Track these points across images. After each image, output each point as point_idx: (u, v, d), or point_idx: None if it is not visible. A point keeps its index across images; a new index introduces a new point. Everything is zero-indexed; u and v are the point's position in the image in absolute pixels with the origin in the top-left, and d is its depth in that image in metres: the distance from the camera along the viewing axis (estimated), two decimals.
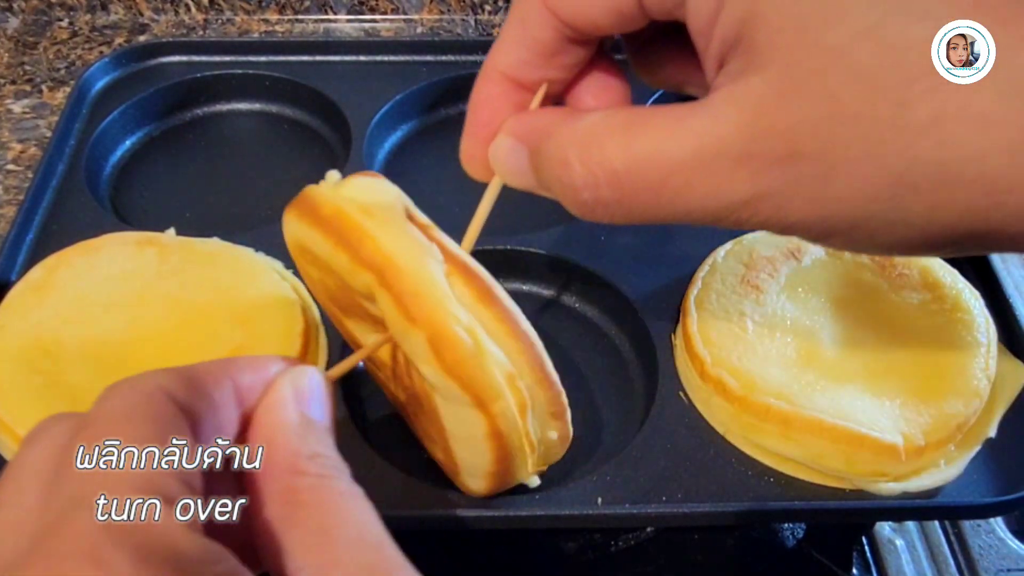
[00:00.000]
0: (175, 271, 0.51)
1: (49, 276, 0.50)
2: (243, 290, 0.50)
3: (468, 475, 0.42)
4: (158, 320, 0.48)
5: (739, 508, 0.45)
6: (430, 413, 0.39)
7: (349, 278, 0.36)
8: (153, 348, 0.47)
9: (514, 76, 0.35)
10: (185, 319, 0.49)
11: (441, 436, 0.40)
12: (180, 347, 0.47)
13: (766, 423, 0.45)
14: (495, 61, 0.35)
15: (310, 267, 0.40)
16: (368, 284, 0.35)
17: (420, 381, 0.37)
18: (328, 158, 0.68)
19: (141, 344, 0.47)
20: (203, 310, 0.49)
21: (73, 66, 0.84)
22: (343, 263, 0.35)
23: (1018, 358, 0.50)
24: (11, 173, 0.73)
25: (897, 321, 0.49)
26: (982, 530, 0.56)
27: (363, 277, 0.35)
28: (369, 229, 0.35)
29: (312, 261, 0.39)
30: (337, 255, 0.36)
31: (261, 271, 0.52)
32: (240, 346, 0.47)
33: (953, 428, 0.45)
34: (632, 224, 0.31)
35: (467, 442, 0.38)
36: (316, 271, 0.40)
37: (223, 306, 0.49)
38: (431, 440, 0.44)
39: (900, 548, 0.57)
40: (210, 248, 0.53)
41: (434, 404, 0.38)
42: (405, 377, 0.40)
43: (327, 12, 0.89)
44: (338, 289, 0.39)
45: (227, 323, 0.48)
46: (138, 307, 0.49)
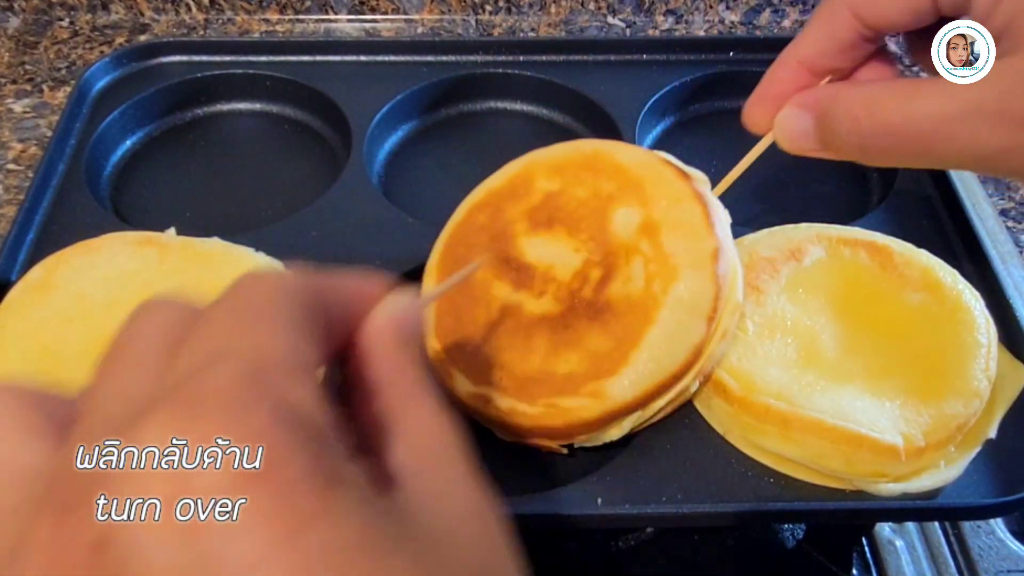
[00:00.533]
0: (175, 271, 0.51)
1: (49, 276, 0.50)
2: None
3: (624, 378, 0.43)
4: None
5: (739, 509, 0.45)
6: (616, 318, 0.45)
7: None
8: None
9: (810, 64, 0.42)
10: None
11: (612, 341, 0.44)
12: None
13: (766, 424, 0.45)
14: (795, 50, 0.43)
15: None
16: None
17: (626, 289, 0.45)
18: (329, 158, 0.68)
19: None
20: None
21: (74, 66, 0.84)
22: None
23: (1018, 359, 0.50)
24: (11, 172, 0.73)
25: (897, 322, 0.49)
26: (982, 531, 0.56)
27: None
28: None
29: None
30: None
31: (263, 268, 0.52)
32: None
33: (953, 429, 0.44)
34: (904, 167, 0.41)
35: (665, 346, 0.43)
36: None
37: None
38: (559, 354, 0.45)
39: (900, 549, 0.57)
40: (210, 248, 0.53)
41: (639, 309, 0.44)
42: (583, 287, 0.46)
43: (328, 12, 0.89)
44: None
45: None
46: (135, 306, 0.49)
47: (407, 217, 0.59)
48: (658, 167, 0.48)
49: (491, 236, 0.49)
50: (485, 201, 0.51)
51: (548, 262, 0.48)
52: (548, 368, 0.45)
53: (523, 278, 0.47)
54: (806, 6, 0.89)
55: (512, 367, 0.45)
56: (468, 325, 0.47)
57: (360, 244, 0.55)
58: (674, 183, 0.47)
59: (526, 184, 0.50)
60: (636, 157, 0.49)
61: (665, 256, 0.45)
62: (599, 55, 0.72)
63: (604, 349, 0.44)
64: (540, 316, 0.46)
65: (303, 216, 0.60)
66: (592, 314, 0.45)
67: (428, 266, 0.51)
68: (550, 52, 0.72)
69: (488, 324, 0.47)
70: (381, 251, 0.56)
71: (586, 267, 0.47)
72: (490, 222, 0.50)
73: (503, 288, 0.48)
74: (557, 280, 0.47)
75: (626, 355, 0.43)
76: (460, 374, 0.46)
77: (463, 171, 0.67)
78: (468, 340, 0.47)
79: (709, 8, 0.89)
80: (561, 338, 0.45)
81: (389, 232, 0.58)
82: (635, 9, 0.89)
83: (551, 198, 0.49)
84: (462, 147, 0.69)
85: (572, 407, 0.43)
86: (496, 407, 0.45)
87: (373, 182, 0.63)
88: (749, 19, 0.90)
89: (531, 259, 0.48)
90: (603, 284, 0.46)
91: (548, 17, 0.89)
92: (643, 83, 0.69)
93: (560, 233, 0.48)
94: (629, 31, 0.89)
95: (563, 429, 0.44)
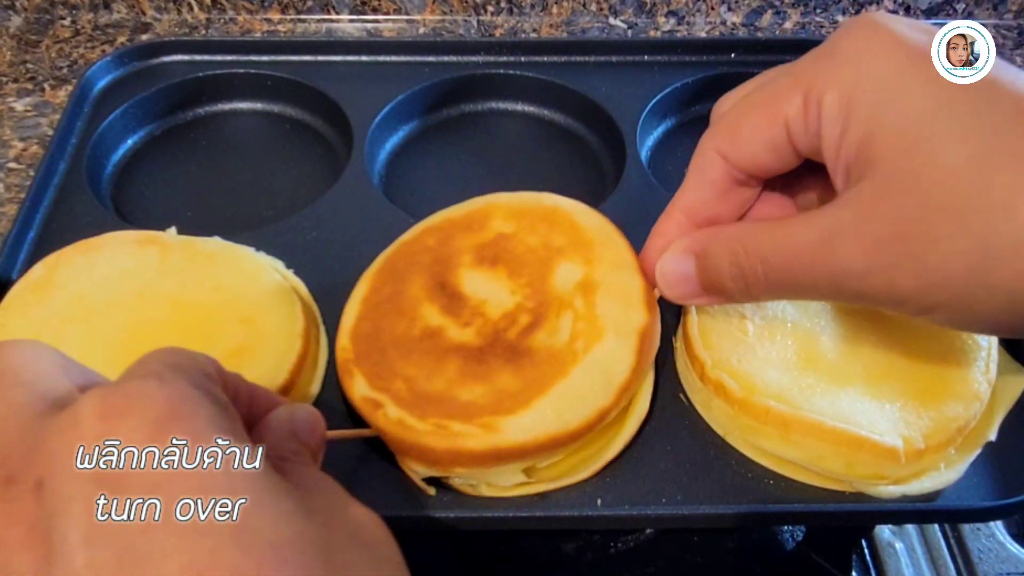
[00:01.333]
0: (176, 270, 0.51)
1: (50, 275, 0.50)
2: (244, 289, 0.50)
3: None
4: (159, 319, 0.49)
5: (739, 510, 0.45)
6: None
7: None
8: (154, 347, 0.47)
9: (693, 214, 0.43)
10: (186, 318, 0.49)
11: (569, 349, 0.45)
12: (181, 346, 0.47)
13: (766, 425, 0.45)
14: (678, 202, 0.44)
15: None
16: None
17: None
18: (330, 158, 0.68)
19: (142, 343, 0.47)
20: (204, 309, 0.49)
21: (75, 64, 0.84)
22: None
23: (1018, 361, 0.50)
24: (12, 171, 0.73)
25: (898, 324, 0.49)
26: (982, 534, 0.56)
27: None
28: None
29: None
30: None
31: (262, 270, 0.52)
32: (241, 345, 0.47)
33: (953, 431, 0.44)
34: (775, 300, 0.44)
35: (571, 402, 0.44)
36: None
37: (224, 305, 0.49)
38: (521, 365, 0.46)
39: (900, 551, 0.57)
40: (211, 247, 0.53)
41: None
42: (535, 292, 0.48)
43: (329, 12, 0.89)
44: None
45: (228, 322, 0.48)
46: (139, 306, 0.49)
47: (408, 217, 0.59)
48: (611, 233, 0.50)
49: (434, 259, 0.50)
50: (439, 227, 0.52)
51: (482, 297, 0.48)
52: (450, 392, 0.45)
53: (453, 306, 0.48)
54: (807, 8, 0.89)
55: (414, 381, 0.45)
56: (385, 333, 0.48)
57: (360, 244, 0.55)
58: (622, 251, 0.49)
59: (482, 220, 0.52)
60: (593, 220, 0.51)
61: (595, 317, 0.46)
62: (600, 56, 0.72)
63: (511, 389, 0.44)
64: (458, 344, 0.46)
65: (304, 216, 0.60)
66: (510, 356, 0.46)
67: (365, 273, 0.52)
68: (551, 53, 0.72)
69: (405, 338, 0.47)
70: (381, 251, 0.56)
71: (517, 311, 0.47)
72: (438, 246, 0.51)
73: (431, 310, 0.48)
74: (486, 316, 0.48)
75: (530, 400, 0.43)
76: (360, 375, 0.46)
77: (464, 172, 0.67)
78: (380, 347, 0.47)
79: (711, 10, 0.89)
80: (472, 370, 0.45)
81: (389, 232, 0.57)
82: (637, 10, 0.89)
83: (502, 239, 0.51)
84: (463, 148, 0.69)
85: (460, 432, 0.43)
86: (385, 414, 0.44)
87: (374, 182, 0.63)
88: (751, 21, 0.90)
89: (466, 290, 0.49)
90: (529, 330, 0.46)
91: (550, 18, 0.89)
92: (644, 84, 0.69)
93: (501, 273, 0.49)
94: (631, 32, 0.89)
95: (444, 454, 0.43)
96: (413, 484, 0.45)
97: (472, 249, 0.50)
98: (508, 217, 0.52)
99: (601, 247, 0.49)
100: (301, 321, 0.49)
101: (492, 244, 0.50)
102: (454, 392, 0.44)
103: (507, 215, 0.52)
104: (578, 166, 0.69)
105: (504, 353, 0.46)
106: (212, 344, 0.47)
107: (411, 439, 0.43)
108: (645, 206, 0.61)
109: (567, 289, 0.48)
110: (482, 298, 0.48)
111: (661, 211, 0.58)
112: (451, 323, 0.47)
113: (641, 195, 0.61)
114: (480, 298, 0.48)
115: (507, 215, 0.52)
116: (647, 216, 0.60)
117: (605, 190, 0.64)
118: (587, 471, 0.45)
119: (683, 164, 0.49)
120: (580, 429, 0.43)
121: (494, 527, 0.45)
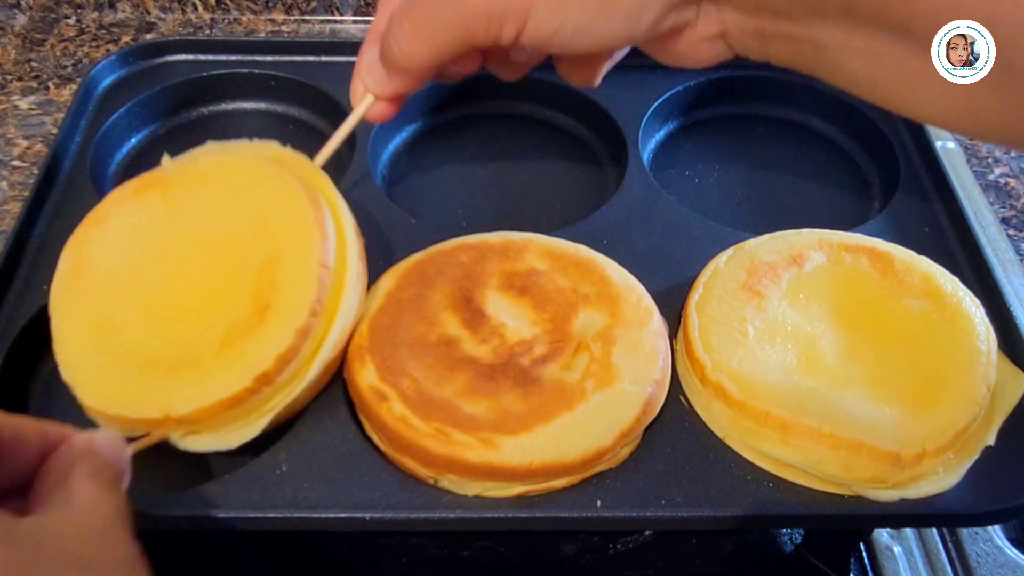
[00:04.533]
0: (181, 206, 0.50)
1: (78, 258, 0.50)
2: (249, 198, 0.49)
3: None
4: (190, 258, 0.48)
5: (738, 513, 0.45)
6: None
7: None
8: (195, 285, 0.47)
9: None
10: (212, 247, 0.48)
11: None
12: (218, 275, 0.47)
13: (766, 428, 0.45)
14: (374, 26, 0.48)
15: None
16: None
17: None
18: (332, 159, 0.68)
19: (184, 286, 0.47)
20: (222, 232, 0.49)
21: (80, 63, 0.84)
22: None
23: (1018, 366, 0.50)
24: (17, 169, 0.73)
25: (897, 329, 0.49)
26: (980, 538, 0.56)
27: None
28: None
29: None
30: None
31: (258, 172, 0.51)
32: (271, 256, 0.46)
33: (952, 436, 0.45)
34: (430, 52, 0.45)
35: (572, 435, 0.45)
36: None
37: (238, 221, 0.49)
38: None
39: (898, 555, 0.57)
40: (204, 167, 0.52)
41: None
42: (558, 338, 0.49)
43: (333, 13, 0.89)
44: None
45: (248, 236, 0.48)
46: (167, 255, 0.49)
47: (410, 217, 0.59)
48: (640, 295, 0.52)
49: (464, 274, 0.52)
50: (475, 246, 0.53)
51: (503, 320, 0.49)
52: (456, 402, 0.45)
53: (474, 321, 0.49)
54: None
55: (423, 384, 0.46)
56: (403, 330, 0.48)
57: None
58: (648, 314, 0.50)
59: (518, 252, 0.53)
60: (624, 279, 0.52)
61: (610, 365, 0.47)
62: None
63: (515, 411, 0.45)
64: (472, 358, 0.47)
65: None
66: (520, 380, 0.46)
67: (392, 268, 0.53)
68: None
69: (421, 340, 0.48)
70: (384, 251, 0.56)
71: (535, 340, 0.49)
72: (471, 263, 0.52)
73: (451, 320, 0.49)
74: (503, 337, 0.49)
75: (533, 425, 0.44)
76: (371, 364, 0.47)
77: (467, 173, 0.68)
78: (395, 342, 0.48)
79: None
80: (481, 385, 0.46)
81: (392, 232, 0.58)
82: None
83: (534, 273, 0.52)
84: (466, 149, 0.69)
85: (460, 442, 0.44)
86: (390, 408, 0.45)
87: (377, 182, 0.63)
88: None
89: (489, 310, 0.50)
90: (543, 361, 0.47)
91: None
92: (647, 88, 0.69)
93: (527, 304, 0.50)
94: None
95: (441, 459, 0.44)
96: (413, 485, 0.45)
97: (503, 274, 0.52)
98: (544, 256, 0.53)
99: (627, 306, 0.50)
100: (308, 209, 0.47)
101: (523, 275, 0.52)
102: (460, 402, 0.45)
103: (543, 254, 0.53)
104: (580, 168, 0.69)
105: (515, 376, 0.46)
106: (246, 261, 0.47)
107: (411, 438, 0.44)
108: (647, 209, 0.61)
109: (588, 334, 0.49)
110: (503, 321, 0.49)
111: (663, 214, 0.59)
112: (468, 336, 0.48)
113: (643, 198, 0.62)
114: (501, 320, 0.49)
115: (543, 254, 0.53)
116: (649, 218, 0.60)
117: (607, 192, 0.65)
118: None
119: (685, 167, 0.49)
120: (575, 463, 0.44)
121: (494, 528, 0.45)
